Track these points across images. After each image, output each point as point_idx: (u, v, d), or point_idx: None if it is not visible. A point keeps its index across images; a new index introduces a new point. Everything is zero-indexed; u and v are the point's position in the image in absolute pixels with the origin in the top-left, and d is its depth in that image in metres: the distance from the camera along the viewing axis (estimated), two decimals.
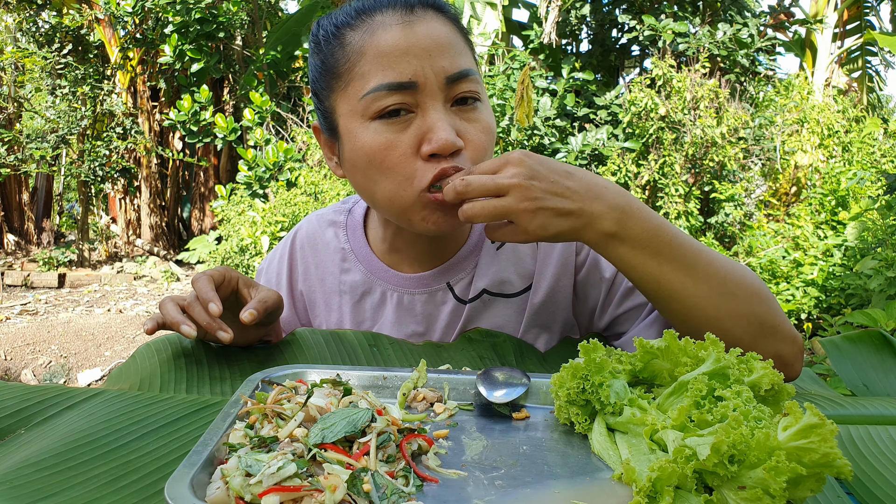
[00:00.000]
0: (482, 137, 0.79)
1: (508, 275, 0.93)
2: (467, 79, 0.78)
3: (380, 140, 0.77)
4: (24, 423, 0.64)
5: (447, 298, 0.94)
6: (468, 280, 0.94)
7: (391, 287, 0.95)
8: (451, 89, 0.77)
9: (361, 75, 0.76)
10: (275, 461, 0.48)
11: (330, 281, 0.99)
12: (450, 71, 0.76)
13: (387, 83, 0.75)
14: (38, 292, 7.52)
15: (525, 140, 5.59)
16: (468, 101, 0.79)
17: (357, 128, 0.78)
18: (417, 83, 0.75)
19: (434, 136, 0.75)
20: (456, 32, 0.80)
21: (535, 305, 0.92)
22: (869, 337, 0.86)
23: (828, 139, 5.92)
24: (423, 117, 0.76)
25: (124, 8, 7.55)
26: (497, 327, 0.92)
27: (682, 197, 5.20)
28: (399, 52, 0.75)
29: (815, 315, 4.35)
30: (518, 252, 0.94)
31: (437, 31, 0.77)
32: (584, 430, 0.61)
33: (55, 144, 8.22)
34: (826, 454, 0.43)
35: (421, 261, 0.94)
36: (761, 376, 0.55)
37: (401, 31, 0.75)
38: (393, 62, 0.75)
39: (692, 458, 0.47)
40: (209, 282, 0.78)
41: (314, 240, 1.01)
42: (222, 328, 0.75)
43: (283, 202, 5.32)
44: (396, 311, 0.95)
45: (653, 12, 6.43)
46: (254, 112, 6.59)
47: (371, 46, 0.76)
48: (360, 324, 0.97)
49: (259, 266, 1.12)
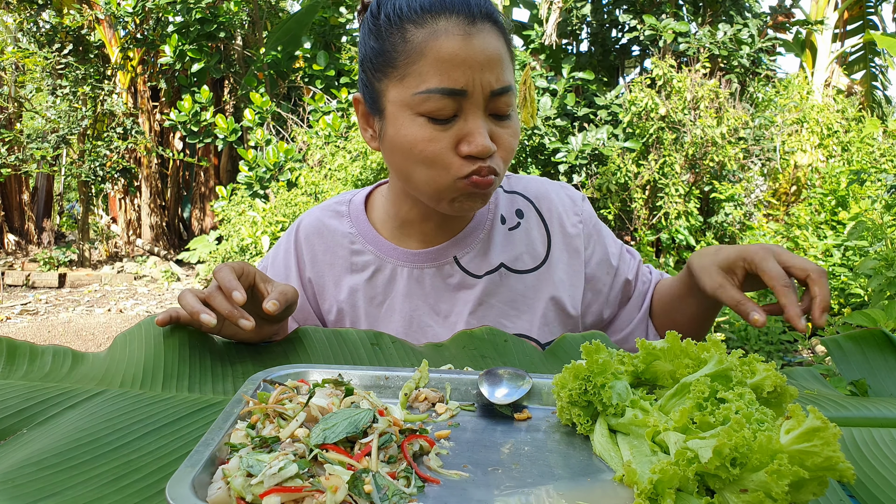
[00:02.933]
0: (512, 142, 0.89)
1: (521, 253, 1.02)
2: (507, 93, 0.86)
3: (424, 134, 0.84)
4: (26, 422, 0.64)
5: (454, 272, 1.00)
6: (475, 254, 1.01)
7: (401, 263, 1.01)
8: (492, 101, 0.85)
9: (419, 74, 0.83)
10: (276, 461, 0.48)
11: (340, 263, 1.04)
12: (495, 87, 0.84)
13: (441, 88, 0.82)
14: (38, 292, 7.52)
15: (525, 140, 5.59)
16: (504, 114, 0.87)
17: (405, 118, 0.85)
18: (467, 91, 0.82)
19: (474, 141, 0.83)
20: (505, 47, 0.87)
21: (553, 282, 1.02)
22: (872, 336, 0.85)
23: (827, 139, 5.92)
24: (465, 121, 0.84)
25: (125, 8, 7.56)
26: (513, 299, 1.00)
27: (682, 197, 5.20)
28: (458, 61, 0.81)
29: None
30: (530, 235, 1.03)
31: (492, 46, 0.84)
32: (586, 432, 0.61)
33: (56, 144, 8.23)
34: (829, 457, 0.43)
35: (429, 237, 1.01)
36: (764, 378, 0.54)
37: (462, 41, 0.82)
38: (450, 69, 0.82)
39: (694, 461, 0.47)
40: (231, 272, 0.79)
41: (320, 228, 1.06)
42: (244, 316, 0.76)
43: (284, 202, 5.32)
44: (407, 285, 1.00)
45: (653, 12, 6.43)
46: (254, 112, 6.60)
47: (433, 50, 0.82)
48: (371, 299, 1.02)
49: (260, 263, 1.13)
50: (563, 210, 1.05)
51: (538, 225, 1.05)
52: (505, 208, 1.05)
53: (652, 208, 5.46)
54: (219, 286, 0.78)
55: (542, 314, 1.00)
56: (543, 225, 1.05)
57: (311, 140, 5.93)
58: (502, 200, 1.06)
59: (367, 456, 0.52)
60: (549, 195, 1.07)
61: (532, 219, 1.05)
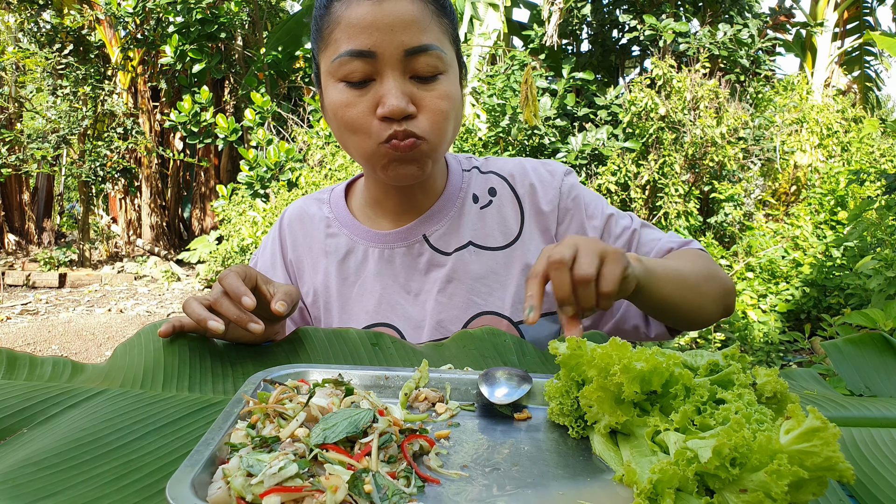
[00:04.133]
0: (439, 103, 0.88)
1: (492, 231, 1.02)
2: (427, 53, 0.86)
3: (343, 98, 0.87)
4: (26, 422, 0.64)
5: (424, 250, 1.02)
6: (444, 231, 1.02)
7: (372, 244, 1.03)
8: (409, 62, 0.85)
9: (335, 41, 0.87)
10: (276, 461, 0.48)
11: (317, 246, 1.07)
12: (408, 45, 0.84)
13: (349, 50, 0.85)
14: (38, 292, 7.52)
15: (525, 140, 5.59)
16: (427, 74, 0.87)
17: (330, 86, 0.90)
18: (376, 53, 0.84)
19: (386, 102, 0.84)
20: (426, 10, 0.87)
21: (526, 259, 1.01)
22: (871, 339, 0.86)
23: (827, 139, 5.92)
24: (380, 84, 0.86)
25: (125, 8, 7.55)
26: (483, 276, 1.00)
27: (681, 197, 5.20)
28: (365, 24, 0.84)
29: (815, 315, 4.35)
30: (503, 212, 1.03)
31: (403, 8, 0.84)
32: (579, 435, 0.61)
33: (56, 144, 8.23)
34: (828, 458, 0.43)
35: (399, 215, 1.03)
36: (764, 383, 0.55)
37: (370, 6, 0.84)
38: (357, 32, 0.84)
39: (693, 461, 0.47)
40: (237, 277, 0.80)
41: (301, 215, 1.10)
42: (253, 320, 0.77)
43: (285, 202, 5.33)
44: (378, 265, 1.02)
45: (653, 12, 6.43)
46: (255, 112, 6.59)
47: (344, 17, 0.85)
48: (344, 280, 1.04)
49: (253, 256, 1.16)
50: (541, 186, 1.04)
51: (512, 202, 1.04)
52: (478, 187, 1.06)
53: (652, 208, 5.45)
54: (225, 292, 0.79)
55: (515, 291, 1.00)
56: (517, 202, 1.04)
57: (311, 140, 5.93)
58: (477, 180, 1.07)
59: (367, 456, 0.52)
60: (525, 172, 1.06)
61: (505, 196, 1.05)
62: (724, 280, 0.97)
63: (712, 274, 0.94)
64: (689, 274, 0.90)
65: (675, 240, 1.03)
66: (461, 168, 1.08)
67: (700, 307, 0.91)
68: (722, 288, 0.96)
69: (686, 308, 0.89)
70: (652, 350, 0.58)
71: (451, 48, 0.91)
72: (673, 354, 0.57)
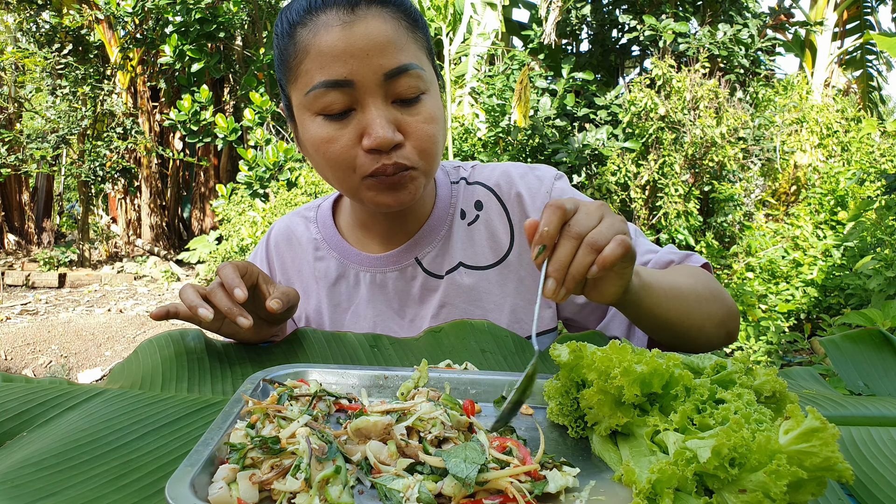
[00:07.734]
0: (426, 128, 0.83)
1: (482, 248, 0.99)
2: (407, 74, 0.81)
3: (323, 133, 0.82)
4: (26, 425, 0.64)
5: (417, 273, 0.98)
6: (436, 253, 0.98)
7: (363, 268, 1.00)
8: (390, 86, 0.80)
9: (306, 72, 0.81)
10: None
11: (306, 270, 1.04)
12: (387, 67, 0.79)
13: (324, 81, 0.79)
14: (38, 292, 7.52)
15: (525, 140, 5.59)
16: (410, 96, 0.82)
17: (306, 119, 0.84)
18: (354, 81, 0.79)
19: (373, 133, 0.79)
20: (400, 27, 0.82)
21: (519, 274, 0.97)
22: (869, 336, 0.86)
23: (827, 139, 5.92)
24: (362, 113, 0.81)
25: (124, 8, 7.55)
26: (477, 298, 0.96)
27: (681, 197, 5.20)
28: (336, 52, 0.78)
29: (815, 315, 4.35)
30: (491, 226, 0.99)
31: (377, 29, 0.79)
32: (578, 435, 0.61)
33: (55, 144, 8.22)
34: (827, 458, 0.43)
35: (388, 238, 0.99)
36: (763, 382, 0.55)
37: (340, 31, 0.78)
38: (330, 62, 0.79)
39: (693, 461, 0.47)
40: (235, 270, 0.79)
41: (288, 235, 1.07)
42: (243, 314, 0.76)
43: (284, 202, 5.32)
44: (370, 290, 0.99)
45: (653, 12, 6.43)
46: (254, 112, 6.59)
47: (313, 46, 0.80)
48: (336, 306, 1.01)
49: None
50: (528, 194, 0.98)
51: (500, 214, 0.99)
52: (465, 201, 1.01)
53: (652, 208, 5.46)
54: (221, 283, 0.78)
55: (511, 310, 0.96)
56: (505, 213, 0.99)
57: None
58: (463, 193, 1.01)
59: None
60: (511, 181, 1.00)
61: (493, 208, 1.00)
62: (728, 302, 0.89)
63: (715, 295, 0.87)
64: (690, 291, 0.83)
65: (675, 252, 0.96)
66: (449, 181, 1.03)
67: (700, 328, 0.84)
68: (726, 311, 0.88)
69: (683, 327, 0.81)
70: (652, 352, 0.58)
71: (428, 63, 0.86)
72: (673, 356, 0.57)
